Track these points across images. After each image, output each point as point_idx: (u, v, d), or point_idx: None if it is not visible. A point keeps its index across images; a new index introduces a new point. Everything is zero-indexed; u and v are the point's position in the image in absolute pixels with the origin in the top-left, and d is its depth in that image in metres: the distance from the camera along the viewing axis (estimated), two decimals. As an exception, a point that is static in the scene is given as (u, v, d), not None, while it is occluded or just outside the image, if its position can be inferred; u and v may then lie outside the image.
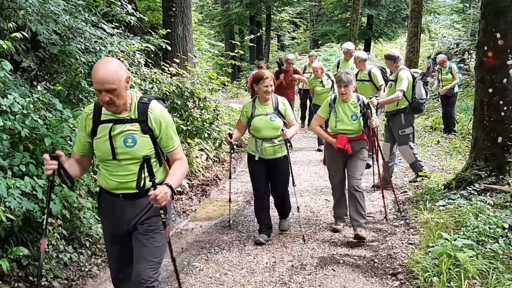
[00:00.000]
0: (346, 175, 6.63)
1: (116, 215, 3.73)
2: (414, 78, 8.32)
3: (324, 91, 11.35)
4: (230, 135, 6.39)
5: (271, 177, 6.51)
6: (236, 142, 8.80)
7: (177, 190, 8.30)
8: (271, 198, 6.75)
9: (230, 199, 7.25)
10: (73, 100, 6.94)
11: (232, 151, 7.42)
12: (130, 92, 3.63)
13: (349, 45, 11.73)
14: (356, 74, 9.62)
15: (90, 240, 6.05)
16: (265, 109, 6.30)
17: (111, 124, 3.58)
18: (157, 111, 3.63)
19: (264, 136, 6.28)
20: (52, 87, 7.14)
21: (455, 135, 12.48)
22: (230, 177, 7.38)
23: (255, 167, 6.44)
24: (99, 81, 3.38)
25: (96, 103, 3.67)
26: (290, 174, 6.51)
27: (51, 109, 6.00)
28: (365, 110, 6.48)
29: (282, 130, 6.19)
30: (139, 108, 3.60)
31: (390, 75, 8.95)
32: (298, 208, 6.71)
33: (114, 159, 3.60)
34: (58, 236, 5.48)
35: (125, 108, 3.58)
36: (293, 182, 6.53)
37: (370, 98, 7.98)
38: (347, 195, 6.64)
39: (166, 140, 3.68)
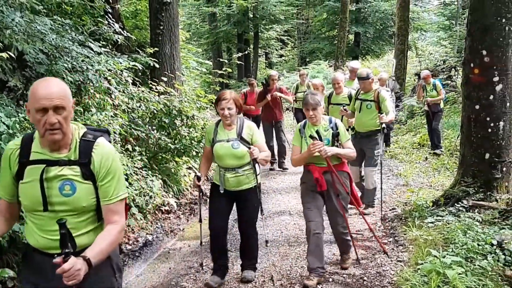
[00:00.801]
0: (328, 219, 5.88)
1: (49, 283, 2.89)
2: None
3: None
4: (198, 178, 5.50)
5: (237, 210, 5.75)
6: (204, 186, 8.39)
7: (164, 209, 8.29)
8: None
9: (201, 242, 6.16)
10: (60, 120, 6.88)
11: (202, 195, 6.28)
12: (72, 125, 2.95)
13: (355, 63, 11.20)
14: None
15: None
16: (228, 134, 5.47)
17: (43, 165, 2.84)
18: (104, 151, 2.92)
19: (227, 165, 5.47)
20: (39, 107, 7.08)
21: (442, 151, 12.44)
22: (200, 220, 6.08)
23: (215, 199, 5.64)
24: (47, 96, 2.72)
25: (25, 138, 2.95)
26: (259, 206, 5.70)
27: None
28: (337, 132, 5.66)
29: (249, 148, 5.39)
30: (81, 147, 2.89)
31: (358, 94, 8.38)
32: (266, 242, 6.11)
33: (46, 211, 2.86)
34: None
35: (65, 145, 2.88)
36: (261, 211, 5.76)
37: (344, 107, 8.28)
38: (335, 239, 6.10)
39: (107, 188, 2.92)
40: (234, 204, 5.73)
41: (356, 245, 6.73)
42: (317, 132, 5.47)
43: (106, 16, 10.01)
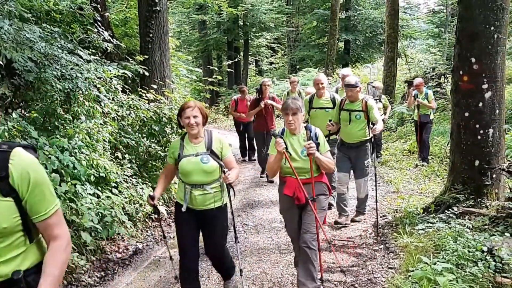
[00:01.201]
0: (301, 226, 5.45)
1: None
2: None
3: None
4: (152, 197, 4.95)
5: (203, 233, 5.20)
6: (162, 205, 8.14)
7: (155, 217, 8.24)
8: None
9: (170, 257, 5.67)
10: (49, 128, 6.87)
11: (158, 215, 5.49)
12: None
13: (346, 70, 10.31)
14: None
15: (66, 269, 5.89)
16: (196, 148, 5.01)
17: None
18: (23, 162, 2.48)
19: (194, 181, 4.96)
20: (28, 115, 7.07)
21: (427, 165, 12.18)
22: (164, 237, 5.61)
23: (182, 220, 5.10)
24: None
25: None
26: (233, 228, 5.30)
27: (26, 137, 5.94)
28: (317, 143, 5.30)
29: (224, 172, 4.96)
30: None
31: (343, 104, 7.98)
32: (241, 271, 5.41)
33: None
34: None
35: None
36: (236, 239, 5.38)
37: (331, 121, 7.96)
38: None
39: (37, 203, 2.52)
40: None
41: (347, 252, 6.74)
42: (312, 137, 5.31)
43: (96, 24, 9.98)
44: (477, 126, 7.00)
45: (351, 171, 8.22)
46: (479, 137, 7.01)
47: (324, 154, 5.35)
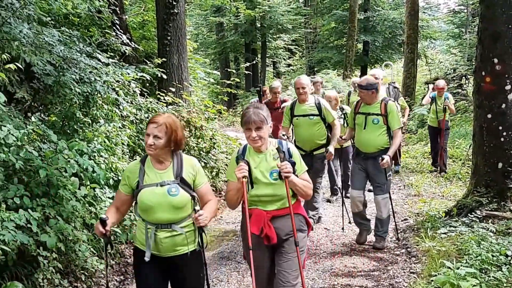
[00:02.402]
0: (276, 275, 4.24)
1: None
2: None
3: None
4: (103, 221, 3.68)
5: (173, 286, 4.09)
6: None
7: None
8: None
9: None
10: (68, 131, 6.88)
11: (109, 247, 4.01)
12: None
13: (378, 71, 9.57)
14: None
15: (86, 273, 5.91)
16: (161, 175, 3.86)
17: None
18: None
19: (159, 220, 3.80)
20: (47, 118, 7.09)
21: (446, 172, 11.48)
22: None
23: (144, 271, 3.94)
24: None
25: None
26: (205, 283, 4.08)
27: (45, 141, 5.95)
28: (291, 161, 4.09)
29: (195, 210, 3.82)
30: None
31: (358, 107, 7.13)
32: None
33: None
34: (53, 270, 5.35)
35: None
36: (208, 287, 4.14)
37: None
38: None
39: None
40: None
41: (368, 256, 6.67)
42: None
43: (114, 27, 10.02)
44: (500, 128, 6.92)
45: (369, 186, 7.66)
46: (502, 139, 6.92)
47: (301, 176, 4.19)
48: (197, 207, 3.80)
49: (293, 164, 4.08)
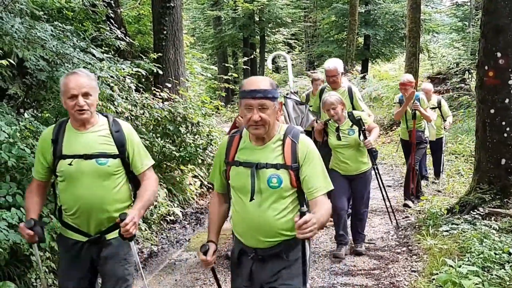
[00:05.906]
0: None
1: None
2: None
3: (342, 145, 6.49)
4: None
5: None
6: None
7: (170, 219, 8.13)
8: None
9: None
10: (61, 128, 6.77)
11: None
12: None
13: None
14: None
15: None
16: None
17: None
18: None
19: None
20: (40, 114, 7.01)
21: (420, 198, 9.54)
22: None
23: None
24: None
25: None
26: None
27: (38, 137, 5.83)
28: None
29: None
30: None
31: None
32: None
33: None
34: (47, 270, 5.29)
35: None
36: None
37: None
38: None
39: None
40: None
41: (368, 254, 6.59)
42: None
43: (108, 22, 9.88)
44: (503, 123, 6.88)
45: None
46: (505, 135, 6.88)
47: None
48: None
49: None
